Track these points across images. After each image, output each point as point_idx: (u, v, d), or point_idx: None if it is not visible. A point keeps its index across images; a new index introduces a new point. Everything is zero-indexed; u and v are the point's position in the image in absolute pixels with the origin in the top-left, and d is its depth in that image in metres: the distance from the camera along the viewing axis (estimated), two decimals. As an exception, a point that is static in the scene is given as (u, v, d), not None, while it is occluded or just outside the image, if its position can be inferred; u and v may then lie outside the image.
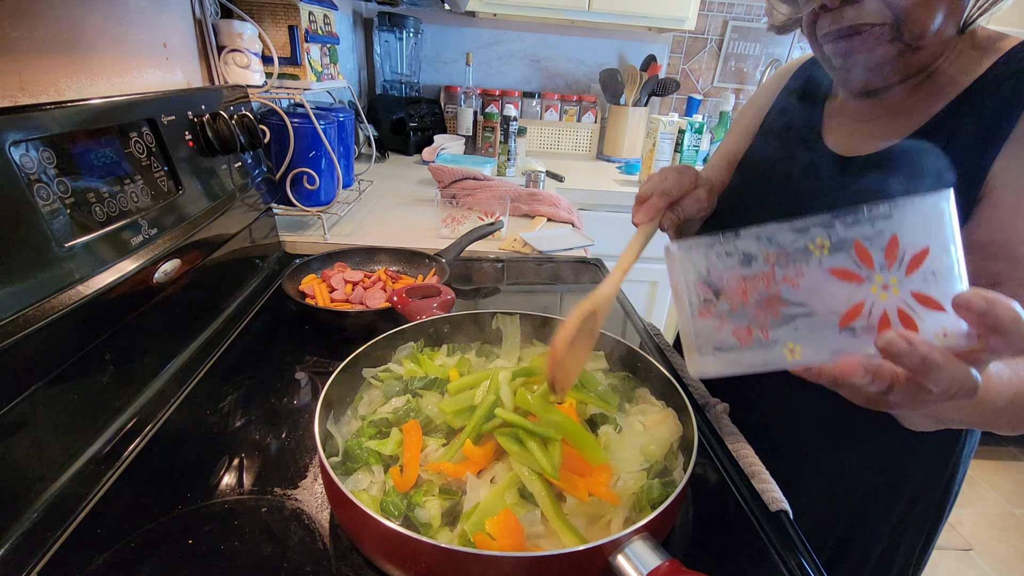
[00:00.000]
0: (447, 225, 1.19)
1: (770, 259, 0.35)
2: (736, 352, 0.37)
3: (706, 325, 0.38)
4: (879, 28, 0.51)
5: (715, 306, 0.37)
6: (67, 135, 0.53)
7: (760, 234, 0.36)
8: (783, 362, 0.36)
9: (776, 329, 0.36)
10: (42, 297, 0.46)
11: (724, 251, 0.37)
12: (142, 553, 0.43)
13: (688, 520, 0.51)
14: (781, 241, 0.35)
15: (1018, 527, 1.95)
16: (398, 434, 0.51)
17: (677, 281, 0.39)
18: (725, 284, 0.37)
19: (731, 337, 0.37)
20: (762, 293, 0.36)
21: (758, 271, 0.36)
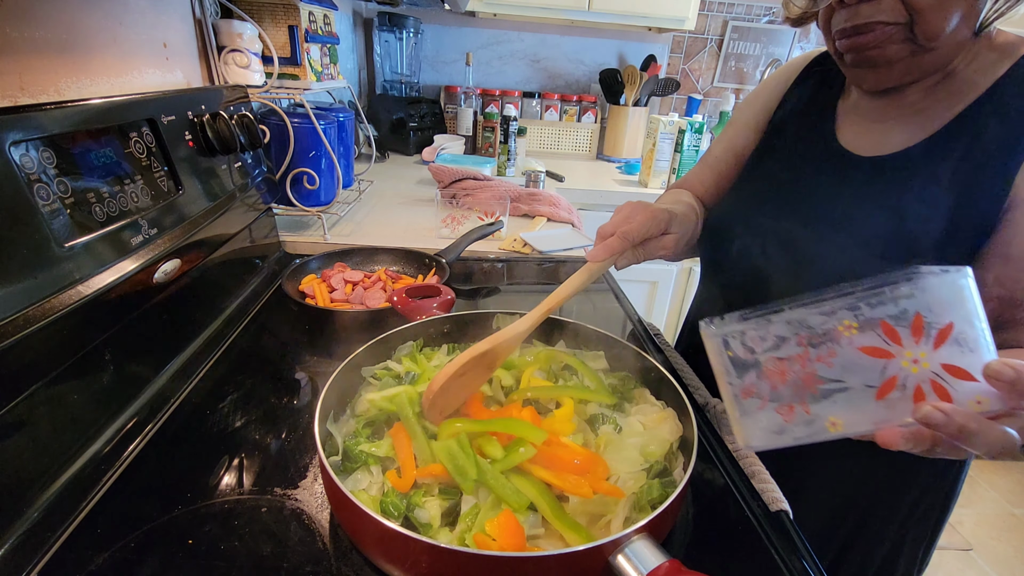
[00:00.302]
0: (447, 225, 1.19)
1: (802, 341, 0.38)
2: (781, 428, 0.39)
3: (750, 404, 0.40)
4: (892, 27, 0.51)
5: (756, 387, 0.40)
6: (67, 135, 0.53)
7: (790, 319, 0.38)
8: (827, 434, 0.38)
9: (816, 404, 0.38)
10: (42, 297, 0.46)
11: (758, 335, 0.39)
12: (142, 553, 0.43)
13: (688, 520, 0.51)
14: (811, 324, 0.37)
15: (1018, 527, 1.95)
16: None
17: (716, 361, 0.41)
18: (763, 366, 0.39)
19: (775, 415, 0.39)
20: (799, 373, 0.38)
21: (792, 353, 0.38)
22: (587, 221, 1.52)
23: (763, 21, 2.34)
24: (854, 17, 0.52)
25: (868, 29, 0.52)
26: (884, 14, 0.50)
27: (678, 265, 1.97)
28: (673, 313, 2.07)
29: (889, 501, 0.66)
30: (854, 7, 0.52)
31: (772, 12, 2.32)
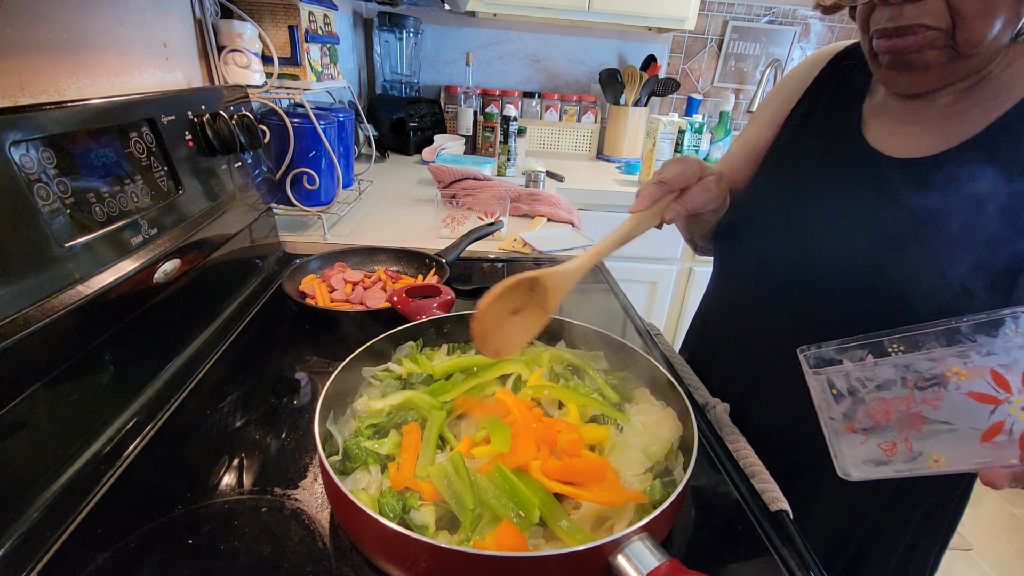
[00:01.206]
0: (447, 225, 1.19)
1: (908, 384, 0.39)
2: (882, 461, 0.41)
3: (853, 439, 0.42)
4: (934, 32, 0.49)
5: (859, 423, 0.41)
6: (67, 135, 0.53)
7: (897, 363, 0.39)
8: (928, 470, 0.40)
9: (920, 442, 0.39)
10: (42, 297, 0.46)
11: (864, 376, 0.40)
12: (142, 553, 0.43)
13: (688, 520, 0.51)
14: (919, 369, 0.38)
15: (1018, 527, 1.95)
16: (396, 435, 0.51)
17: (819, 396, 0.43)
18: (868, 405, 0.41)
19: (877, 450, 0.41)
20: (904, 413, 0.39)
21: (899, 394, 0.39)
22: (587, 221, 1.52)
23: (763, 21, 2.34)
24: (897, 18, 0.50)
25: (910, 32, 0.50)
26: (929, 17, 0.48)
27: (678, 265, 1.97)
28: (673, 313, 2.07)
29: (902, 510, 0.65)
30: (898, 7, 0.50)
31: (772, 12, 2.32)
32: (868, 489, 0.64)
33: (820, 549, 0.63)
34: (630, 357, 0.62)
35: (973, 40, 0.49)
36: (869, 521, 0.66)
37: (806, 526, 0.54)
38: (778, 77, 2.32)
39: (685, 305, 2.04)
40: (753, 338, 0.69)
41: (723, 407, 0.66)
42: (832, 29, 2.35)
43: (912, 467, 0.40)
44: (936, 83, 0.54)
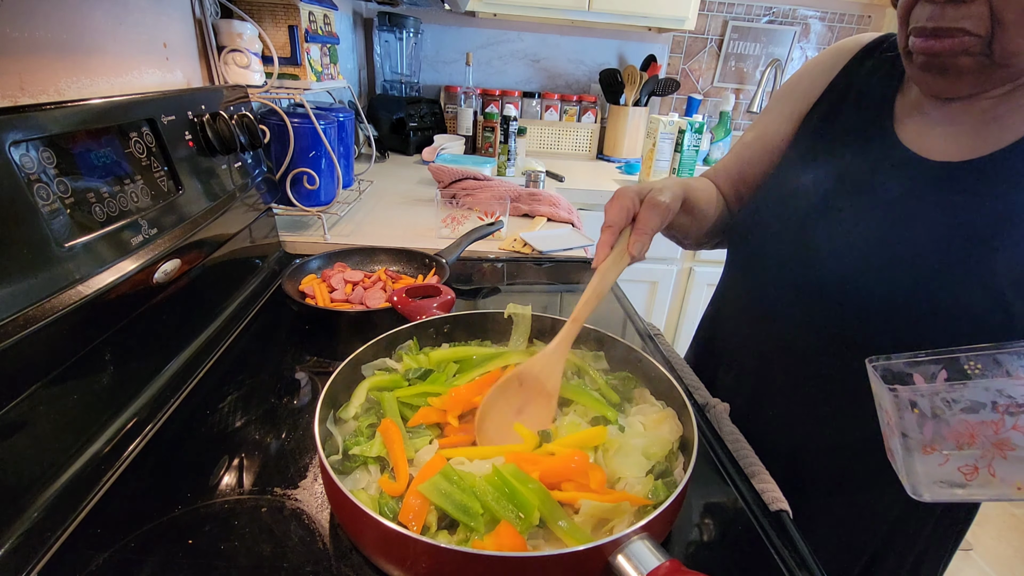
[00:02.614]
0: (447, 225, 1.19)
1: (999, 409, 0.38)
2: (960, 484, 0.40)
3: (931, 460, 0.40)
4: (971, 38, 0.48)
5: (939, 444, 0.40)
6: (67, 135, 0.53)
7: (989, 386, 0.38)
8: (1010, 496, 0.39)
9: (1003, 468, 0.38)
10: (42, 297, 0.46)
11: (950, 398, 0.39)
12: (142, 553, 0.43)
13: (688, 520, 0.51)
14: (1012, 394, 0.37)
15: (1018, 527, 1.95)
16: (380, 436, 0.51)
17: (893, 416, 0.41)
18: (952, 427, 0.39)
19: (957, 473, 0.40)
20: (990, 437, 0.38)
21: (987, 418, 0.38)
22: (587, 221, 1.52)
23: (763, 21, 2.34)
24: (937, 18, 0.49)
25: (948, 35, 0.49)
26: (969, 21, 0.47)
27: (678, 265, 1.97)
28: (673, 313, 2.07)
29: (914, 520, 0.64)
30: (940, 7, 0.49)
31: (772, 12, 2.33)
32: (881, 501, 0.63)
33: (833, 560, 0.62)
34: (630, 357, 0.62)
35: (1010, 50, 0.48)
36: (882, 532, 0.64)
37: (819, 537, 0.53)
38: (778, 77, 2.32)
39: (685, 305, 2.04)
40: (769, 345, 0.66)
41: (723, 407, 0.65)
42: (832, 29, 2.35)
43: (992, 493, 0.39)
44: (969, 89, 0.53)
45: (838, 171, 0.62)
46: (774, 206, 0.66)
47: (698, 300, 2.01)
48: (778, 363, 0.66)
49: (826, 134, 0.65)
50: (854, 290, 0.56)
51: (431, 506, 0.43)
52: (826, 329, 0.59)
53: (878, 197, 0.58)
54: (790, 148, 0.70)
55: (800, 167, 0.67)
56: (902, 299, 0.53)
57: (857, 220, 0.58)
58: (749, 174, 0.76)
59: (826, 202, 0.61)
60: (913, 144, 0.58)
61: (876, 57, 0.65)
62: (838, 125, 0.65)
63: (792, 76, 0.73)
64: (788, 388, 0.65)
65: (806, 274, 0.60)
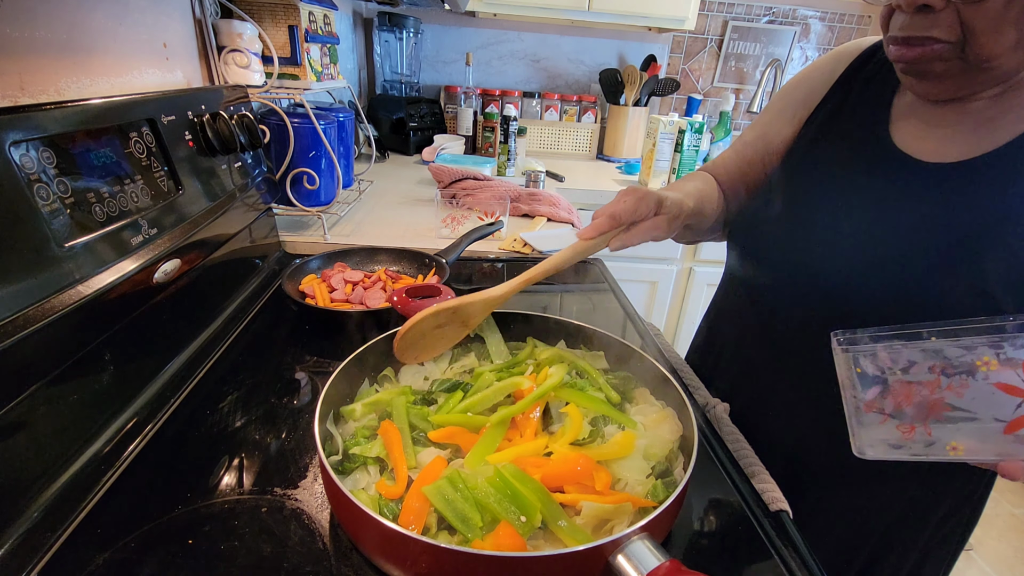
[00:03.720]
0: (447, 225, 1.19)
1: (935, 369, 0.39)
2: (899, 444, 0.41)
3: (871, 419, 0.41)
4: (942, 46, 0.49)
5: (879, 403, 0.41)
6: (67, 135, 0.53)
7: (926, 347, 0.39)
8: (945, 456, 0.40)
9: (940, 428, 0.39)
10: (42, 297, 0.46)
11: (890, 357, 0.40)
12: (142, 553, 0.43)
13: (688, 520, 0.51)
14: (948, 355, 0.38)
15: (1018, 527, 1.95)
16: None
17: (843, 374, 0.42)
18: (890, 386, 0.40)
19: (895, 431, 0.41)
20: (926, 397, 0.39)
21: (923, 379, 0.39)
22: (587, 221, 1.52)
23: (763, 21, 2.34)
24: (908, 27, 0.50)
25: (918, 43, 0.50)
26: (938, 29, 0.48)
27: (678, 265, 1.97)
28: (673, 313, 2.07)
29: (914, 522, 0.64)
30: (910, 15, 0.49)
31: (772, 12, 2.32)
32: (879, 499, 0.63)
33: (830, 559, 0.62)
34: (630, 357, 0.62)
35: (983, 55, 0.48)
36: (880, 532, 0.65)
37: (816, 535, 0.53)
38: (778, 77, 2.32)
39: (685, 305, 2.04)
40: (768, 344, 0.67)
41: (723, 407, 0.65)
42: (832, 29, 2.35)
43: (928, 452, 0.40)
44: (955, 91, 0.53)
45: (835, 174, 0.63)
46: (773, 208, 0.67)
47: (698, 300, 2.01)
48: (777, 363, 0.66)
49: (824, 138, 0.66)
50: (850, 291, 0.57)
51: (431, 508, 0.43)
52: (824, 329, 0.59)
53: (873, 199, 0.58)
54: (789, 151, 0.71)
55: (799, 171, 0.67)
56: (896, 299, 0.54)
57: (852, 222, 0.59)
58: (750, 174, 0.76)
59: (823, 205, 0.62)
60: (907, 146, 0.58)
61: (875, 61, 0.65)
62: (836, 129, 0.65)
63: (793, 78, 0.74)
64: (787, 388, 0.65)
65: (804, 275, 0.61)
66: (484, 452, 0.48)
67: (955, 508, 0.64)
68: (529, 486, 0.44)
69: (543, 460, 0.48)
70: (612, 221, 0.56)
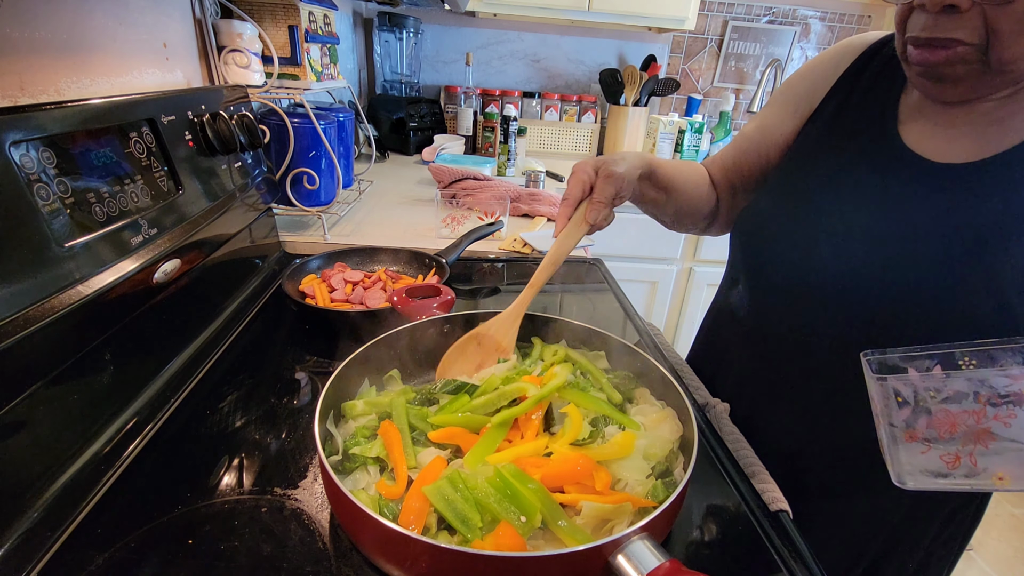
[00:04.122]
0: (447, 225, 1.19)
1: (981, 399, 0.38)
2: (943, 473, 0.40)
3: (913, 448, 0.41)
4: (966, 48, 0.48)
5: (922, 432, 0.40)
6: (67, 135, 0.53)
7: (972, 376, 0.38)
8: (990, 487, 0.39)
9: (985, 458, 0.39)
10: (42, 297, 0.46)
11: (933, 387, 0.39)
12: (142, 553, 0.43)
13: (688, 520, 0.51)
14: (993, 385, 0.38)
15: (1018, 527, 1.95)
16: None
17: (880, 403, 0.42)
18: (933, 416, 0.40)
19: (939, 461, 0.40)
20: (971, 427, 0.39)
21: (968, 408, 0.39)
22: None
23: (763, 21, 2.34)
24: (931, 28, 0.49)
25: (943, 45, 0.49)
26: (963, 31, 0.47)
27: (678, 265, 1.97)
28: (673, 313, 2.07)
29: (916, 525, 0.64)
30: (933, 16, 0.48)
31: (772, 12, 2.32)
32: (884, 502, 0.63)
33: (836, 561, 0.62)
34: (630, 357, 0.62)
35: (1006, 58, 0.47)
36: (883, 536, 0.64)
37: (819, 539, 0.52)
38: (778, 77, 2.32)
39: (685, 305, 2.04)
40: (770, 344, 0.66)
41: (723, 407, 0.65)
42: (832, 29, 2.35)
43: (973, 482, 0.39)
44: (968, 94, 0.53)
45: (841, 172, 0.62)
46: (777, 208, 0.66)
47: (698, 300, 2.01)
48: (778, 364, 0.66)
49: (830, 135, 0.65)
50: (855, 291, 0.56)
51: (431, 508, 0.43)
52: (827, 330, 0.59)
53: (881, 199, 0.57)
54: (793, 147, 0.70)
55: (803, 168, 0.67)
56: (903, 300, 0.53)
57: (859, 221, 0.58)
58: (744, 163, 0.75)
59: (829, 204, 0.61)
60: (916, 146, 0.58)
61: (881, 57, 0.64)
62: (842, 126, 0.65)
63: (796, 72, 0.73)
64: (788, 389, 0.65)
65: (807, 275, 0.60)
66: (484, 452, 0.48)
67: (959, 508, 0.64)
68: (529, 486, 0.44)
69: (543, 460, 0.48)
70: (567, 203, 0.59)
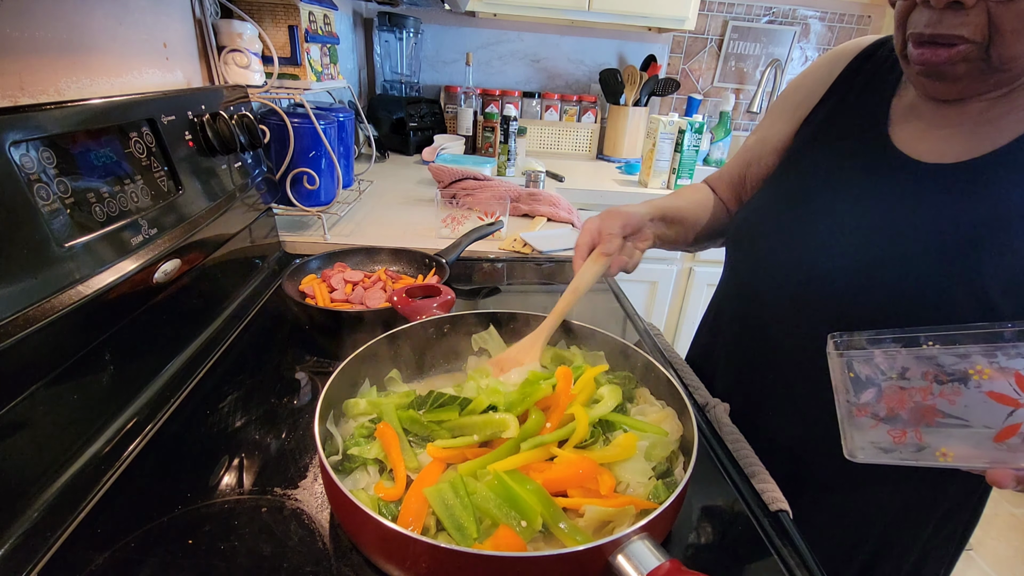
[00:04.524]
0: (447, 225, 1.19)
1: (928, 376, 0.39)
2: (890, 448, 0.41)
3: (863, 422, 0.42)
4: (968, 46, 0.48)
5: (872, 407, 0.41)
6: (67, 135, 0.53)
7: (920, 355, 0.39)
8: (935, 462, 0.40)
9: (930, 434, 0.40)
10: (42, 297, 0.46)
11: (885, 363, 0.40)
12: (142, 553, 0.43)
13: (688, 520, 0.51)
14: (941, 363, 0.38)
15: (1018, 527, 1.95)
16: None
17: (837, 378, 0.43)
18: (883, 391, 0.41)
19: (886, 436, 0.41)
20: (918, 403, 0.40)
21: (916, 385, 0.39)
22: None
23: (763, 21, 2.34)
24: (935, 24, 0.48)
25: (947, 42, 0.49)
26: (967, 29, 0.47)
27: (678, 265, 1.97)
28: (673, 313, 2.07)
29: (913, 523, 0.64)
30: (938, 13, 0.48)
31: (772, 12, 2.32)
32: (879, 499, 0.63)
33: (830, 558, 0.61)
34: (630, 357, 0.62)
35: (1007, 56, 0.47)
36: (878, 533, 0.64)
37: (816, 535, 0.52)
38: (778, 77, 2.32)
39: (685, 305, 2.04)
40: (767, 345, 0.66)
41: (723, 407, 0.65)
42: (832, 29, 2.35)
43: (918, 458, 0.40)
44: (967, 92, 0.53)
45: (833, 175, 0.62)
46: (770, 209, 0.67)
47: (698, 300, 2.01)
48: (776, 363, 0.66)
49: (822, 138, 0.66)
50: (847, 291, 0.57)
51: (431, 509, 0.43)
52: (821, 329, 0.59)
53: (872, 200, 0.58)
54: (788, 152, 0.70)
55: (796, 171, 0.67)
56: (893, 300, 0.53)
57: (851, 222, 0.58)
58: (749, 177, 0.76)
59: (821, 205, 0.62)
60: (907, 147, 0.58)
61: (874, 61, 0.65)
62: (835, 128, 0.65)
63: (792, 81, 0.74)
64: (786, 389, 0.65)
65: (801, 275, 0.60)
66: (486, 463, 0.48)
67: (955, 508, 0.64)
68: (528, 488, 0.44)
69: (546, 464, 0.48)
70: (579, 255, 0.65)
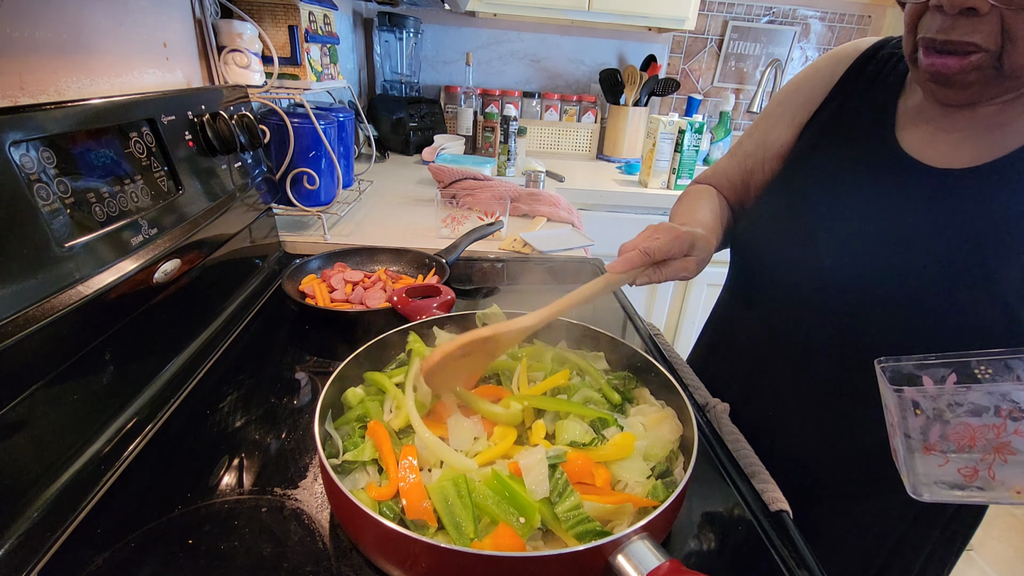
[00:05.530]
0: (447, 225, 1.19)
1: (1002, 413, 0.38)
2: (960, 486, 0.40)
3: (931, 461, 0.41)
4: (980, 55, 0.47)
5: (940, 445, 0.40)
6: (67, 135, 0.53)
7: (993, 390, 0.38)
8: (1007, 500, 0.39)
9: (1003, 471, 0.39)
10: (42, 297, 0.46)
11: (954, 400, 0.39)
12: (142, 553, 0.43)
13: (688, 520, 0.51)
14: (1016, 399, 0.38)
15: (1018, 527, 1.95)
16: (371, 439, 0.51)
17: (896, 414, 0.41)
18: (952, 428, 0.40)
19: (956, 474, 0.40)
20: (991, 440, 0.39)
21: (989, 422, 0.39)
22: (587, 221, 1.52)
23: (763, 21, 2.34)
24: (948, 30, 0.47)
25: (959, 52, 0.48)
26: (980, 36, 0.46)
27: (678, 265, 1.97)
28: (673, 313, 2.07)
29: (921, 530, 0.63)
30: (951, 18, 0.47)
31: (772, 12, 2.32)
32: (895, 507, 0.62)
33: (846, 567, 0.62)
34: (630, 357, 0.62)
35: (1019, 64, 0.47)
36: (890, 543, 0.64)
37: (827, 546, 0.52)
38: (778, 77, 2.32)
39: (685, 305, 2.04)
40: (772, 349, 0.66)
41: (723, 407, 0.65)
42: (832, 29, 2.35)
43: (991, 496, 0.39)
44: (976, 98, 0.52)
45: (838, 177, 0.61)
46: (776, 214, 0.66)
47: (698, 300, 2.01)
48: (780, 368, 0.65)
49: (827, 141, 0.65)
50: (856, 298, 0.56)
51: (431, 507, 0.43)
52: (827, 336, 0.59)
53: (880, 205, 0.57)
54: (791, 156, 0.70)
55: (801, 172, 0.66)
56: (904, 307, 0.53)
57: (859, 228, 0.58)
58: (752, 183, 0.75)
59: (826, 207, 0.61)
60: (915, 151, 0.57)
61: (876, 62, 0.64)
62: (839, 131, 0.64)
63: (791, 82, 0.73)
64: (794, 396, 0.65)
65: (808, 281, 0.60)
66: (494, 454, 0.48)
67: (962, 509, 0.64)
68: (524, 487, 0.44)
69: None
70: (644, 257, 0.54)
